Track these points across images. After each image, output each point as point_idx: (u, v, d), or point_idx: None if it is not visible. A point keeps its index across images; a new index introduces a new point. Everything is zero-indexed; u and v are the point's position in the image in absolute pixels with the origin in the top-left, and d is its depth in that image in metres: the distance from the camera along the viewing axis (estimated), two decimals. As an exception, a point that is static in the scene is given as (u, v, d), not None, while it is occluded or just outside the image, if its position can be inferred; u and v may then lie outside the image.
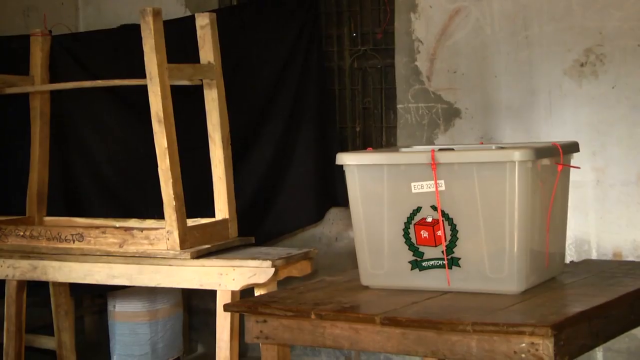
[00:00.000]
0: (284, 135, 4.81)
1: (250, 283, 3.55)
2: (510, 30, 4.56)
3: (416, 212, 2.61)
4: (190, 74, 3.72)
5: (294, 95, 4.83)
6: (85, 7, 5.57)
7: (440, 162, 2.55)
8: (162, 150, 3.60)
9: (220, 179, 3.80)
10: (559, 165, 2.64)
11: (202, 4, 5.19)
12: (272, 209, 4.81)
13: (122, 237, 3.74)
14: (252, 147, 4.75)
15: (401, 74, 4.80)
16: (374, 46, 5.01)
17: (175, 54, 3.69)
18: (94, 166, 4.59)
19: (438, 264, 2.60)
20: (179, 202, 3.61)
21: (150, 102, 3.58)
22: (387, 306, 2.47)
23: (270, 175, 4.79)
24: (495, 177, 2.50)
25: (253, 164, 4.73)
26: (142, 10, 3.55)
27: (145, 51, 3.55)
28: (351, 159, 2.70)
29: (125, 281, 3.75)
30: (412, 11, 4.74)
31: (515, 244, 2.50)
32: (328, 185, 4.86)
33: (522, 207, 2.49)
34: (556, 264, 2.75)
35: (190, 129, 4.04)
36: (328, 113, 4.96)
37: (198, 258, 3.60)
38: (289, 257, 3.62)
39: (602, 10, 4.26)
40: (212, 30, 3.78)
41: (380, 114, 5.03)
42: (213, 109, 3.81)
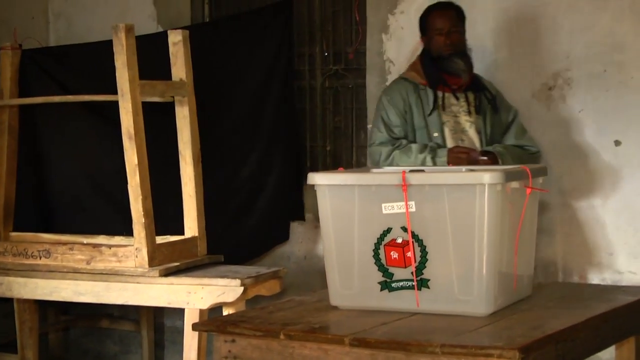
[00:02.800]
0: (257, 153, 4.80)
1: (218, 302, 3.54)
2: (480, 53, 4.60)
3: (386, 233, 2.62)
4: (162, 90, 3.72)
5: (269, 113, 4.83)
6: (56, 21, 5.54)
7: (411, 183, 2.57)
8: (132, 167, 3.58)
9: (191, 196, 3.79)
10: (528, 189, 2.66)
11: (175, 20, 5.19)
12: (244, 229, 4.79)
13: (89, 254, 3.71)
14: (230, 165, 4.74)
15: (372, 93, 4.82)
16: (345, 66, 5.03)
17: (147, 69, 3.69)
18: (64, 181, 4.56)
19: (407, 285, 2.61)
20: (148, 219, 3.60)
21: (121, 118, 3.58)
22: (356, 327, 2.48)
23: (247, 193, 4.77)
24: (465, 199, 2.52)
25: (226, 182, 4.71)
26: (114, 26, 3.55)
27: (117, 67, 3.54)
28: (322, 179, 2.71)
29: (92, 298, 3.72)
30: (383, 32, 4.77)
31: (484, 266, 2.52)
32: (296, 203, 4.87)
33: (491, 230, 2.51)
34: (524, 286, 2.78)
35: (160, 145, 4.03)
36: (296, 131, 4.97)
37: (166, 276, 3.59)
38: (258, 275, 3.62)
39: (570, 35, 4.32)
40: (185, 47, 3.78)
41: (351, 134, 5.05)
42: (184, 126, 3.81)
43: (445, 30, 4.00)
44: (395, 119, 4.01)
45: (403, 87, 4.05)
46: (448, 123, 4.00)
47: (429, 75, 4.01)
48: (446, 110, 4.00)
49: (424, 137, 3.98)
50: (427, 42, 4.08)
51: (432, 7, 4.14)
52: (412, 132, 4.01)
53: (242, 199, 4.79)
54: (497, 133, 4.07)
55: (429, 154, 3.88)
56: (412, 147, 3.92)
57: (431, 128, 3.98)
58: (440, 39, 3.99)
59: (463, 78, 3.99)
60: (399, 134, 4.01)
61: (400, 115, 4.00)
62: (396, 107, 4.01)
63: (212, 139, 4.35)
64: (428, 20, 4.08)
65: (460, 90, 4.03)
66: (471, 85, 4.05)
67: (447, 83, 4.00)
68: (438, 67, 4.00)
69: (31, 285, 3.80)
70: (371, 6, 4.81)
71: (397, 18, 4.73)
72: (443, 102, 3.99)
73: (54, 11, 5.55)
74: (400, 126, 4.01)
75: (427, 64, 4.04)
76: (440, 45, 3.99)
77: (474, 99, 4.04)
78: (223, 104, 4.72)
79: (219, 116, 4.66)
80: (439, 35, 4.00)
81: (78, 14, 5.46)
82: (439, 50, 3.99)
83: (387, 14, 4.75)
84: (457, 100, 4.02)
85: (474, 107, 4.02)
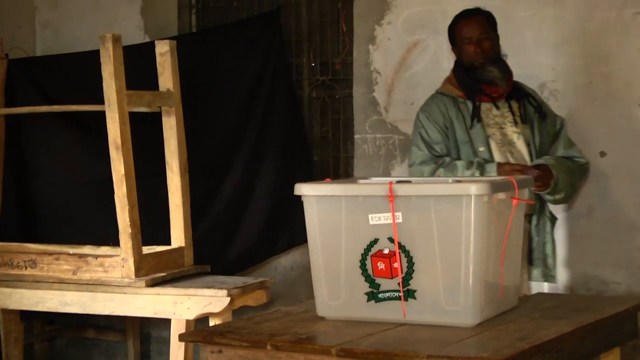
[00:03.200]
0: (250, 163, 4.79)
1: (205, 312, 3.54)
2: (467, 64, 4.62)
3: (373, 244, 2.63)
4: (149, 101, 3.72)
5: (259, 123, 4.82)
6: (42, 31, 5.53)
7: (397, 194, 2.57)
8: (119, 177, 3.58)
9: (178, 206, 3.79)
10: (514, 200, 2.67)
11: (162, 30, 5.19)
12: (238, 239, 4.78)
13: (76, 264, 3.70)
14: (218, 175, 4.73)
15: (359, 104, 4.84)
16: (332, 76, 5.05)
17: (134, 79, 3.69)
18: (50, 191, 4.55)
19: (394, 296, 2.62)
20: (134, 229, 3.59)
21: (108, 128, 3.57)
22: (343, 337, 2.48)
23: (235, 203, 4.76)
24: (451, 210, 2.52)
25: (218, 192, 4.70)
26: (101, 36, 3.55)
27: (104, 77, 3.54)
28: (309, 190, 2.71)
29: (78, 309, 3.71)
30: (370, 43, 4.79)
31: (471, 277, 2.52)
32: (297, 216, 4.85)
33: (477, 241, 2.52)
34: (510, 297, 2.79)
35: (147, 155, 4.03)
36: (298, 141, 4.93)
37: (153, 286, 3.58)
38: (244, 286, 3.62)
39: (555, 48, 4.35)
40: (172, 58, 3.78)
41: (337, 144, 5.06)
42: (171, 137, 3.81)
43: (474, 39, 3.81)
44: (435, 135, 3.79)
45: (441, 101, 3.84)
46: (494, 136, 3.77)
47: (465, 86, 3.81)
48: (490, 122, 3.78)
49: (469, 153, 3.76)
50: (458, 53, 3.90)
51: (459, 15, 3.94)
52: (455, 149, 3.78)
53: (229, 209, 4.78)
54: (546, 143, 3.84)
55: (477, 170, 3.64)
56: (458, 164, 3.69)
57: (476, 142, 3.75)
58: (470, 48, 3.81)
59: (501, 86, 3.78)
60: (441, 152, 3.78)
61: (441, 131, 3.79)
62: (436, 123, 3.80)
63: (199, 149, 4.35)
64: (456, 30, 3.89)
65: (501, 99, 3.81)
66: (513, 93, 3.83)
67: (485, 92, 3.79)
68: (473, 76, 3.80)
69: (17, 296, 3.79)
70: (358, 17, 4.83)
71: (384, 29, 4.75)
72: (486, 114, 3.77)
73: (41, 21, 5.55)
74: (442, 143, 3.78)
75: (462, 75, 3.84)
76: (471, 55, 3.80)
77: (518, 107, 3.82)
78: (210, 114, 4.72)
79: (206, 126, 4.66)
80: (468, 44, 3.82)
81: (65, 24, 5.46)
82: (471, 60, 3.80)
83: (374, 25, 4.77)
84: (499, 110, 3.80)
85: (520, 117, 3.80)
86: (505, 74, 3.79)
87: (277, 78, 4.88)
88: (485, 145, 3.74)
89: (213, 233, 4.63)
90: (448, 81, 3.92)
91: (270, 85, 4.86)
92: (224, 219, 4.73)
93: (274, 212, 4.81)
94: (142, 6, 5.31)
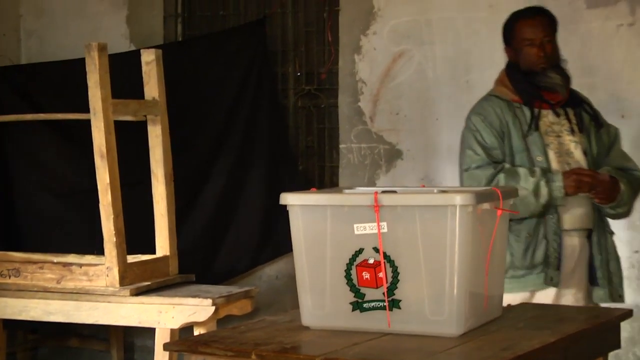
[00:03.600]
0: (234, 172, 4.79)
1: (189, 321, 3.53)
2: (452, 75, 4.65)
3: (358, 254, 2.63)
4: (134, 109, 3.72)
5: (244, 132, 4.83)
6: (27, 39, 5.52)
7: (383, 204, 2.58)
8: (104, 186, 3.57)
9: (162, 215, 3.79)
10: (499, 210, 2.69)
11: (147, 38, 5.19)
12: (223, 248, 4.77)
13: (60, 273, 3.69)
14: (204, 184, 4.73)
15: (344, 114, 4.85)
16: (318, 86, 5.06)
17: (119, 88, 3.68)
18: (35, 199, 4.54)
19: (379, 306, 2.62)
20: (119, 238, 3.59)
21: (93, 136, 3.57)
22: (328, 347, 2.48)
23: (220, 212, 4.76)
24: (436, 220, 2.53)
25: (204, 201, 4.70)
26: (87, 45, 3.55)
27: (89, 86, 3.54)
28: (294, 200, 2.72)
29: (62, 318, 3.70)
30: (356, 52, 4.81)
31: (455, 286, 2.53)
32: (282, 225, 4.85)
33: (462, 251, 2.53)
34: (494, 306, 2.80)
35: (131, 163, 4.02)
36: (283, 150, 4.93)
37: (137, 295, 3.57)
38: (229, 295, 3.61)
39: (540, 58, 4.37)
40: (158, 67, 3.78)
41: (323, 153, 5.07)
42: (156, 145, 3.81)
43: (537, 41, 3.49)
44: (492, 140, 3.49)
45: (496, 104, 3.53)
46: (552, 144, 3.50)
47: (522, 91, 3.51)
48: (547, 130, 3.51)
49: (525, 162, 3.48)
50: (513, 54, 3.57)
51: (521, 13, 3.59)
52: (509, 156, 3.50)
53: (213, 218, 4.78)
54: (601, 154, 3.59)
55: (542, 178, 3.40)
56: (520, 171, 3.43)
57: (533, 151, 3.47)
58: (532, 50, 3.49)
59: (561, 93, 3.51)
60: (497, 157, 3.49)
61: (498, 136, 3.49)
62: (492, 126, 3.49)
63: (183, 157, 4.35)
64: (515, 29, 3.54)
65: (558, 106, 3.55)
66: (569, 100, 3.57)
67: (544, 99, 3.51)
68: (531, 81, 3.50)
69: (0, 305, 3.77)
70: (344, 27, 4.85)
71: (370, 39, 4.77)
72: (544, 121, 3.51)
73: (26, 29, 5.53)
74: (498, 148, 3.49)
75: (518, 79, 3.53)
76: (532, 59, 3.49)
77: (574, 115, 3.55)
78: (195, 123, 4.72)
79: (190, 135, 4.66)
80: (529, 46, 3.49)
81: (50, 32, 5.45)
82: (531, 64, 3.49)
83: (360, 35, 4.79)
84: (557, 118, 3.53)
85: (577, 125, 3.54)
86: (566, 82, 3.53)
87: (261, 87, 4.89)
88: (543, 154, 3.48)
89: (197, 242, 4.62)
90: (500, 83, 3.62)
91: (254, 94, 4.87)
92: (209, 228, 4.73)
93: (258, 222, 4.81)
94: (127, 15, 5.31)
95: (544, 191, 3.39)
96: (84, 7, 5.38)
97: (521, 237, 3.49)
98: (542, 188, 3.39)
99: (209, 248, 4.71)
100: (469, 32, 4.58)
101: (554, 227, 3.47)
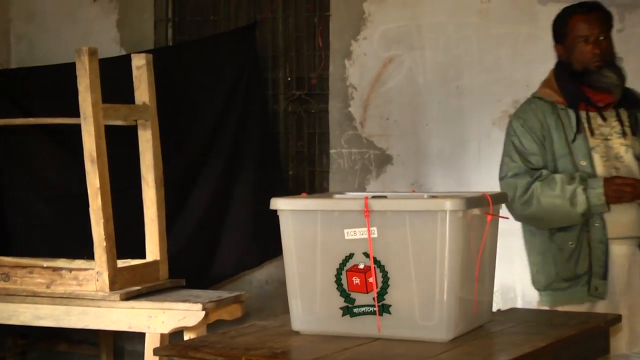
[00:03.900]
0: (224, 177, 4.80)
1: (179, 326, 3.53)
2: (442, 80, 4.66)
3: (349, 259, 2.63)
4: (125, 114, 3.71)
5: (233, 137, 4.84)
6: (17, 43, 5.51)
7: (373, 209, 2.58)
8: (94, 190, 3.57)
9: (153, 220, 3.78)
10: (489, 216, 2.69)
11: (138, 43, 5.19)
12: (212, 252, 4.77)
13: (50, 278, 3.68)
14: (192, 188, 4.73)
15: (335, 119, 4.86)
16: (308, 91, 5.07)
17: (110, 92, 3.68)
18: (25, 204, 4.53)
19: (369, 311, 2.62)
20: (109, 243, 3.58)
21: (83, 141, 3.56)
22: (318, 352, 2.48)
23: (209, 216, 4.76)
24: (426, 225, 2.54)
25: (193, 205, 4.70)
26: (77, 49, 3.54)
27: (80, 90, 3.53)
28: (285, 204, 2.72)
29: (51, 322, 3.68)
30: (346, 58, 4.82)
31: (445, 292, 2.54)
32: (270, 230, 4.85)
33: (452, 256, 2.54)
34: (484, 312, 2.80)
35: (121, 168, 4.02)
36: (271, 155, 4.95)
37: (127, 300, 3.57)
38: (219, 300, 3.61)
39: (529, 64, 4.40)
40: (148, 71, 3.78)
41: (313, 158, 5.07)
42: (147, 150, 3.81)
43: (593, 38, 3.29)
44: (531, 145, 3.33)
45: (538, 107, 3.36)
46: (597, 148, 3.31)
47: (567, 92, 3.32)
48: (594, 132, 3.32)
49: (568, 167, 3.31)
50: (565, 52, 3.37)
51: (574, 9, 3.39)
52: (552, 162, 3.33)
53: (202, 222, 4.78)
54: None
55: (580, 185, 3.23)
56: (557, 178, 3.26)
57: (577, 155, 3.30)
58: (587, 48, 3.29)
59: (615, 94, 3.30)
60: (537, 164, 3.34)
61: (538, 141, 3.33)
62: (532, 131, 3.34)
63: (173, 162, 4.35)
64: (569, 25, 3.34)
65: (608, 108, 3.33)
66: (622, 101, 3.34)
67: (590, 101, 3.31)
68: (581, 81, 3.30)
69: (-11, 309, 3.75)
70: (334, 32, 4.86)
71: (360, 44, 4.79)
72: (589, 124, 3.31)
73: (16, 33, 5.53)
74: (538, 154, 3.33)
75: (565, 79, 3.34)
76: (587, 57, 3.29)
77: (628, 116, 3.33)
78: (185, 128, 4.73)
79: (180, 140, 4.66)
80: (584, 43, 3.29)
81: (40, 36, 5.45)
82: (585, 62, 3.29)
83: (350, 40, 4.80)
84: (605, 121, 3.33)
85: (630, 127, 3.32)
86: (621, 81, 3.31)
87: (251, 92, 4.90)
88: (588, 159, 3.28)
89: (187, 246, 4.62)
90: (546, 84, 3.44)
91: (244, 99, 4.88)
92: (198, 232, 4.73)
93: (247, 226, 4.81)
94: (118, 19, 5.31)
95: (580, 199, 3.22)
96: (74, 12, 5.38)
97: (565, 247, 3.32)
98: (578, 196, 3.22)
99: (198, 252, 4.71)
100: (459, 37, 4.60)
101: (599, 234, 3.27)
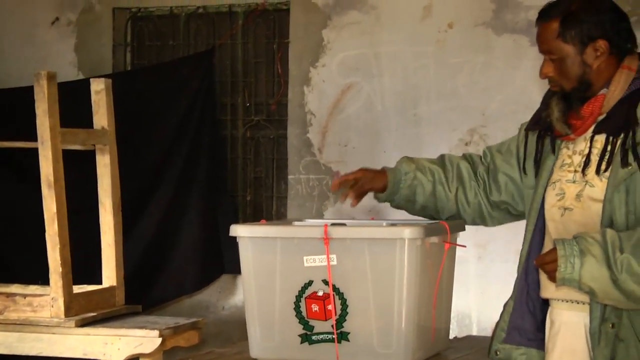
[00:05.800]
0: (174, 202, 4.81)
1: (136, 353, 3.49)
2: (400, 108, 4.71)
3: (308, 286, 2.64)
4: (83, 138, 3.69)
5: (185, 162, 4.85)
6: (-26, 65, 5.47)
7: (332, 237, 2.60)
8: (51, 215, 3.53)
9: (110, 245, 3.75)
10: (447, 244, 2.72)
11: (96, 67, 5.17)
12: (159, 275, 4.77)
13: (3, 304, 3.62)
14: (142, 212, 4.73)
15: (293, 145, 4.87)
16: (267, 117, 5.08)
17: (67, 116, 3.66)
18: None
19: (328, 338, 2.63)
20: (65, 268, 3.54)
21: (40, 165, 3.53)
22: (276, 380, 2.48)
23: (158, 240, 4.77)
24: (385, 253, 2.56)
25: (142, 229, 4.70)
26: (36, 73, 3.51)
27: (37, 115, 3.50)
28: (244, 231, 2.72)
29: (4, 350, 3.62)
30: (305, 84, 4.84)
31: (403, 319, 2.56)
32: (216, 253, 4.86)
33: (410, 284, 2.56)
34: (441, 339, 2.83)
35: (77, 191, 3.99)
36: (220, 181, 4.99)
37: (83, 326, 3.52)
38: (176, 326, 3.58)
39: (485, 93, 4.46)
40: (107, 96, 3.76)
41: (271, 184, 5.08)
42: (105, 175, 3.78)
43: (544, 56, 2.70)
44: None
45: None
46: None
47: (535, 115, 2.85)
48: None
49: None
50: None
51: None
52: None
53: (159, 246, 4.78)
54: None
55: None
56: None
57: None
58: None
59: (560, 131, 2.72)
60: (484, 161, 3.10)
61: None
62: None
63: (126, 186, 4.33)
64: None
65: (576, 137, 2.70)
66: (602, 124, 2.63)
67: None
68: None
69: (-60, 336, 3.68)
70: (293, 59, 4.89)
71: (319, 71, 4.82)
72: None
73: (-27, 55, 5.48)
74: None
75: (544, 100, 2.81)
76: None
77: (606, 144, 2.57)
78: (138, 153, 4.72)
79: (133, 165, 4.64)
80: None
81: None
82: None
83: (309, 67, 4.83)
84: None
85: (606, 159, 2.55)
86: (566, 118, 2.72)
87: (205, 118, 4.92)
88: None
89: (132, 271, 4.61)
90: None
91: (197, 125, 4.89)
92: (144, 257, 4.74)
93: (191, 250, 4.85)
94: (76, 43, 5.29)
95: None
96: (32, 34, 5.35)
97: None
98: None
99: (141, 276, 4.70)
100: (417, 66, 4.65)
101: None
